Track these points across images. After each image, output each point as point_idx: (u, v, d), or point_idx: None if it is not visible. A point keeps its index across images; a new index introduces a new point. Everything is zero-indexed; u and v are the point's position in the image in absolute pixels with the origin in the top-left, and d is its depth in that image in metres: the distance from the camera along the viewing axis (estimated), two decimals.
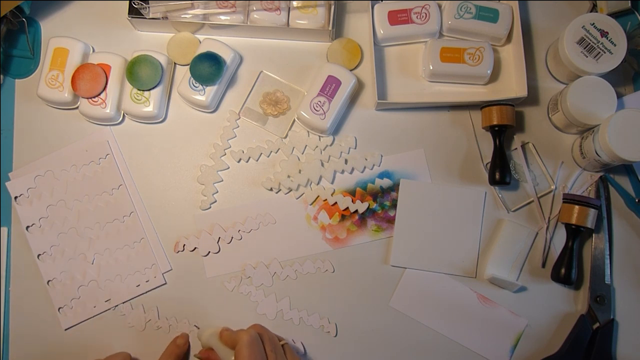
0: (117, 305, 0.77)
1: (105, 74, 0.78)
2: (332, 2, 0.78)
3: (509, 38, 0.80)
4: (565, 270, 0.74)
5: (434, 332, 0.76)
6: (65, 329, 0.77)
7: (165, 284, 0.78)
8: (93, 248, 0.78)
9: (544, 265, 0.77)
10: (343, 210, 0.78)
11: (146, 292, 0.77)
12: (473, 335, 0.76)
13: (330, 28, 0.78)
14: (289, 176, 0.78)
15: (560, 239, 0.77)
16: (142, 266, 0.78)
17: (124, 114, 0.80)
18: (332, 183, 0.79)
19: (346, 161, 0.79)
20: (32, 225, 0.78)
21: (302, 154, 0.79)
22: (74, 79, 0.77)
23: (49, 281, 0.77)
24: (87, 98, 0.77)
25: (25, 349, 0.77)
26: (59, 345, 0.77)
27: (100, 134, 0.80)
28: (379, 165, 0.79)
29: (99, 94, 0.77)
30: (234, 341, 0.66)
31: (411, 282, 0.77)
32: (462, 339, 0.76)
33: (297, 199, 0.79)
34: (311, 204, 0.79)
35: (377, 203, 0.78)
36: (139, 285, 0.77)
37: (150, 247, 0.78)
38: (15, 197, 0.79)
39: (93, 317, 0.77)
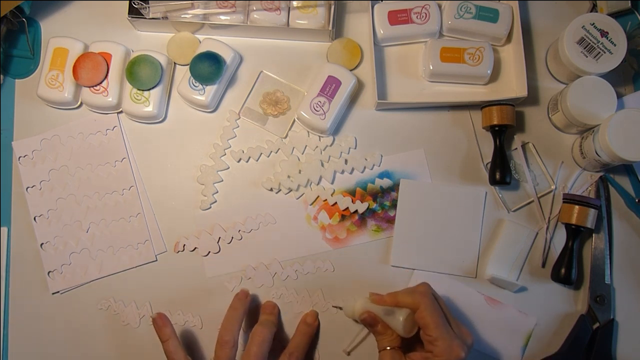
0: (107, 276, 0.78)
1: (107, 62, 0.78)
2: (332, 2, 0.78)
3: (509, 38, 0.80)
4: (565, 270, 0.74)
5: None
6: (53, 293, 0.78)
7: (156, 261, 0.78)
8: (89, 217, 0.78)
9: (544, 265, 0.77)
10: (343, 210, 0.78)
11: (136, 267, 0.78)
12: (484, 338, 0.75)
13: (330, 28, 0.78)
14: (289, 176, 0.78)
15: (560, 239, 0.77)
16: (135, 241, 0.78)
17: None
18: (332, 183, 0.79)
19: (346, 161, 0.79)
20: (32, 187, 0.79)
21: (302, 154, 0.79)
22: (75, 68, 0.77)
23: (42, 244, 0.78)
24: (89, 87, 0.77)
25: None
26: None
27: (108, 119, 0.81)
28: (379, 165, 0.79)
29: (101, 82, 0.77)
30: (412, 303, 0.65)
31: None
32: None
33: (297, 199, 0.79)
34: (311, 204, 0.79)
35: (377, 203, 0.78)
36: (130, 258, 0.78)
37: (146, 223, 0.78)
38: (19, 157, 0.79)
39: (81, 285, 0.78)
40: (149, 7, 0.78)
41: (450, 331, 0.64)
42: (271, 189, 0.79)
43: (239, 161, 0.80)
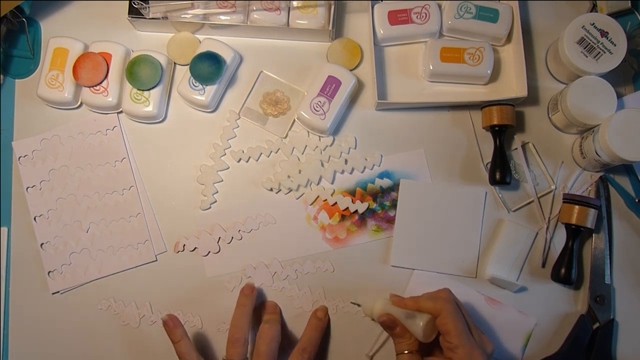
0: (107, 276, 0.78)
1: (107, 62, 0.78)
2: (332, 2, 0.78)
3: (509, 38, 0.80)
4: (565, 270, 0.74)
5: None
6: (53, 293, 0.78)
7: (156, 261, 0.78)
8: (89, 217, 0.79)
9: (544, 265, 0.77)
10: (343, 210, 0.78)
11: (136, 267, 0.78)
12: None
13: (330, 28, 0.78)
14: (289, 176, 0.78)
15: (560, 239, 0.77)
16: (135, 241, 0.78)
17: None
18: (332, 183, 0.79)
19: (346, 161, 0.79)
20: (32, 187, 0.79)
21: (302, 154, 0.79)
22: (75, 68, 0.77)
23: (42, 244, 0.78)
24: (89, 87, 0.77)
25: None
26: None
27: (108, 119, 0.81)
28: (379, 165, 0.79)
29: (101, 82, 0.77)
30: (434, 309, 0.65)
31: (418, 287, 0.77)
32: None
33: (297, 199, 0.79)
34: (311, 204, 0.79)
35: (377, 203, 0.78)
36: (130, 258, 0.78)
37: (146, 223, 0.78)
38: (19, 157, 0.79)
39: (81, 285, 0.78)
40: (149, 7, 0.78)
41: (472, 339, 0.64)
42: (271, 189, 0.79)
43: (239, 161, 0.80)
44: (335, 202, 0.78)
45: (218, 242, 0.78)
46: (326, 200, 0.78)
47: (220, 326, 0.77)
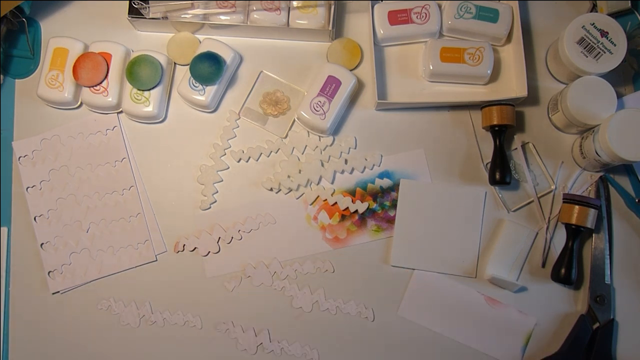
0: (107, 276, 0.78)
1: (107, 62, 0.78)
2: (332, 2, 0.78)
3: (509, 38, 0.80)
4: (565, 270, 0.74)
5: (441, 336, 0.76)
6: (53, 293, 0.78)
7: (156, 261, 0.78)
8: (89, 217, 0.79)
9: (544, 265, 0.77)
10: (343, 210, 0.78)
11: (136, 267, 0.78)
12: (484, 338, 0.75)
13: (330, 28, 0.78)
14: (289, 176, 0.78)
15: (560, 239, 0.77)
16: (135, 241, 0.78)
17: None
18: (332, 183, 0.79)
19: (346, 161, 0.79)
20: (32, 187, 0.79)
21: (302, 154, 0.79)
22: (75, 68, 0.77)
23: (42, 244, 0.78)
24: (89, 87, 0.77)
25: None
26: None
27: (108, 119, 0.81)
28: (379, 165, 0.79)
29: (101, 82, 0.77)
30: None
31: (417, 288, 0.76)
32: (472, 342, 0.75)
33: (297, 199, 0.79)
34: (311, 204, 0.79)
35: (377, 203, 0.78)
36: (130, 258, 0.78)
37: (146, 223, 0.78)
38: (19, 157, 0.79)
39: (81, 285, 0.78)
40: (149, 7, 0.78)
41: None
42: (271, 189, 0.79)
43: (239, 161, 0.80)
44: (335, 202, 0.78)
45: (218, 242, 0.78)
46: (326, 200, 0.78)
47: (220, 326, 0.77)
